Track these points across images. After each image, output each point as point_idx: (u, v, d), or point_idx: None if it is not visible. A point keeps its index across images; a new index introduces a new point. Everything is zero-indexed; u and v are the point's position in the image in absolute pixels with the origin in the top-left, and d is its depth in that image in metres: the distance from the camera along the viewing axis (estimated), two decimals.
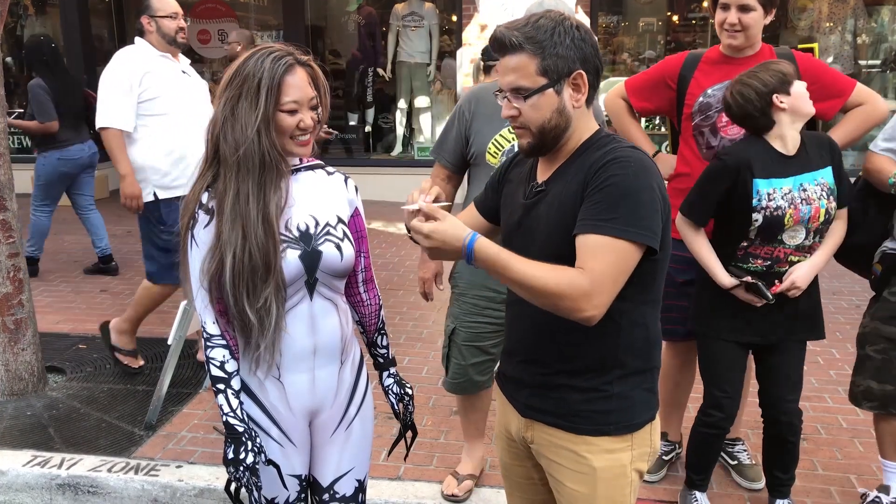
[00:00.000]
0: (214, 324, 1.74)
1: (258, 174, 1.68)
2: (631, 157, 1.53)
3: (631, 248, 1.49)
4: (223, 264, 1.67)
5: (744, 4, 2.62)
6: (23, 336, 3.78)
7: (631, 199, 1.49)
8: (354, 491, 1.98)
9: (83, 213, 5.84)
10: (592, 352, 1.61)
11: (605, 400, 1.63)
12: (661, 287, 1.66)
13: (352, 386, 1.94)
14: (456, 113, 2.73)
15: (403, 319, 4.74)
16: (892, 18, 8.06)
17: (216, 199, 1.70)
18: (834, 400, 3.65)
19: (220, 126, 1.69)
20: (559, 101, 1.58)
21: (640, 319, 1.62)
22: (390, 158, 8.79)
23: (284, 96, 1.69)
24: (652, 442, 1.69)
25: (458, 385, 2.83)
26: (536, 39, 1.55)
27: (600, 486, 1.65)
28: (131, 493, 3.05)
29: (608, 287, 1.48)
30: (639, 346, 1.64)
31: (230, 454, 1.71)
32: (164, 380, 3.48)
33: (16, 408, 3.68)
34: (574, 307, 1.47)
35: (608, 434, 1.63)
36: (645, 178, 1.51)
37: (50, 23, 9.25)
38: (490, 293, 2.70)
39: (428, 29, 8.55)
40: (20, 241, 3.77)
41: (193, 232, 1.72)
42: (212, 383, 1.74)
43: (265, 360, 1.76)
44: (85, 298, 5.23)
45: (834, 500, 2.91)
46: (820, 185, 2.42)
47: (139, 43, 3.89)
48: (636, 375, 1.65)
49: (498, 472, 3.07)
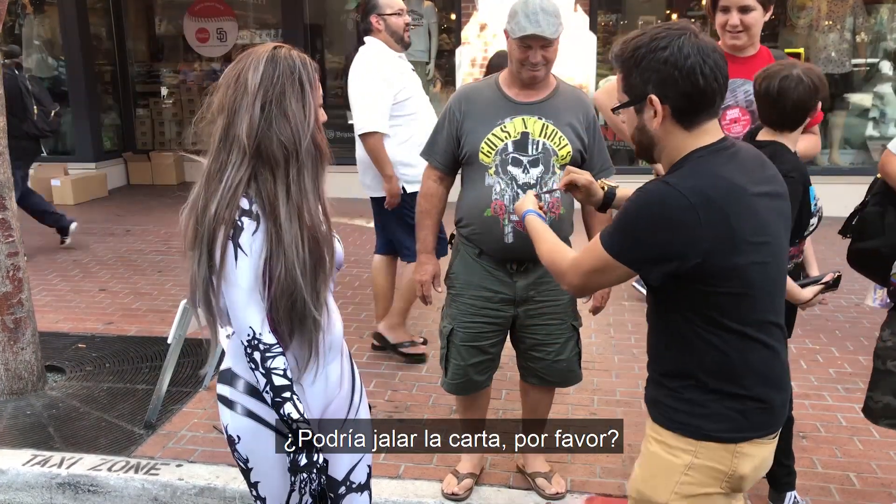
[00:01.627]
0: (270, 333, 1.68)
1: (315, 167, 1.71)
2: (649, 192, 1.59)
3: (605, 256, 1.65)
4: (291, 265, 1.64)
5: (744, 6, 2.64)
6: (22, 335, 3.78)
7: (628, 223, 1.61)
8: (367, 477, 2.02)
9: None
10: (671, 359, 1.71)
11: (677, 399, 1.70)
12: (748, 319, 1.64)
13: (350, 374, 1.98)
14: (446, 113, 2.71)
15: None
16: (890, 17, 8.06)
17: (264, 203, 1.65)
18: (833, 398, 3.65)
19: (265, 126, 1.65)
20: (639, 120, 1.66)
21: (715, 343, 1.63)
22: None
23: (318, 92, 1.74)
24: (733, 465, 1.67)
25: (457, 385, 2.82)
26: (621, 59, 1.64)
27: (648, 470, 1.75)
28: (131, 492, 3.05)
29: (578, 277, 1.75)
30: (714, 368, 1.65)
31: (303, 460, 1.66)
32: (164, 379, 3.48)
33: (15, 407, 3.68)
34: (555, 279, 1.87)
35: (672, 430, 1.70)
36: (646, 211, 1.58)
37: (48, 22, 9.24)
38: (487, 293, 2.69)
39: (427, 27, 8.54)
40: (19, 240, 3.77)
41: (238, 241, 1.63)
42: (275, 394, 1.66)
43: (314, 363, 1.76)
44: (84, 298, 5.23)
45: (833, 497, 2.91)
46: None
47: (373, 43, 3.92)
48: (715, 393, 1.66)
49: (498, 470, 3.08)
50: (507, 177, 2.58)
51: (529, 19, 2.44)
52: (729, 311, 1.62)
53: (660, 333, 1.73)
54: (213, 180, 1.68)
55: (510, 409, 3.54)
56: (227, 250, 1.63)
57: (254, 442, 1.79)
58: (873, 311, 4.79)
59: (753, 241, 1.58)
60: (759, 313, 1.65)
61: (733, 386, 1.65)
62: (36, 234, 6.53)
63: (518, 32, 2.46)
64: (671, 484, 1.69)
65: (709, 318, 1.62)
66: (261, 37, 9.49)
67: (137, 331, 4.63)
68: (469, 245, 2.71)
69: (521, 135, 2.57)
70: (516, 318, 2.73)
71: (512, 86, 2.63)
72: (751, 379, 1.66)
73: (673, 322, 1.67)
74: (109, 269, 5.89)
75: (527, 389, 2.92)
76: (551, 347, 2.75)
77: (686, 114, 1.60)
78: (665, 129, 1.62)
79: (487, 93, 2.66)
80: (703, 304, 1.61)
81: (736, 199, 1.56)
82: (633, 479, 1.80)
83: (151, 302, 5.14)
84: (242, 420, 1.78)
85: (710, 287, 1.59)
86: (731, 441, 1.66)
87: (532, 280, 2.68)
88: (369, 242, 6.50)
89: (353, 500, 2.00)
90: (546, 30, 2.45)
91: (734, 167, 1.60)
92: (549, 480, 2.93)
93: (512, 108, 2.60)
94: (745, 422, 1.66)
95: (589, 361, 4.12)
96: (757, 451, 1.69)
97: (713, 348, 1.64)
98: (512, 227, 2.58)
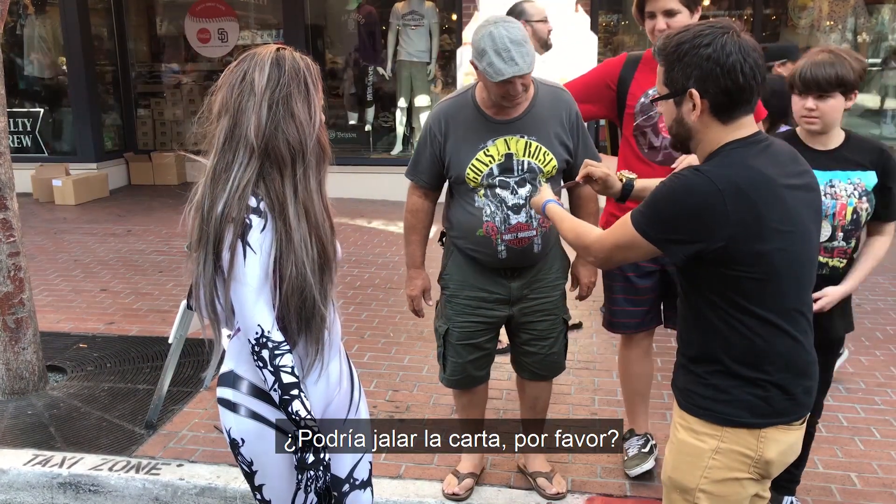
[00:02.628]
0: (279, 331, 1.68)
1: (319, 168, 1.73)
2: (681, 178, 1.67)
3: (632, 232, 1.73)
4: (301, 263, 1.66)
5: (668, 10, 2.68)
6: (23, 335, 3.78)
7: (654, 204, 1.70)
8: (369, 474, 2.04)
9: None
10: (698, 344, 1.77)
11: (703, 386, 1.75)
12: (772, 306, 1.69)
13: (349, 373, 1.99)
14: (427, 135, 2.65)
15: (403, 318, 4.74)
16: (892, 17, 8.06)
17: (273, 201, 1.66)
18: (835, 398, 3.64)
19: (272, 126, 1.66)
20: (678, 113, 1.73)
21: (739, 328, 1.69)
22: (390, 157, 8.79)
23: (321, 93, 1.76)
24: (759, 449, 1.72)
25: (457, 381, 2.84)
26: (664, 53, 1.70)
27: (678, 456, 1.80)
28: (132, 491, 3.06)
29: (603, 252, 1.85)
30: (739, 353, 1.70)
31: (311, 458, 1.67)
32: (165, 379, 3.48)
33: (17, 407, 3.68)
34: (579, 253, 2.07)
35: (698, 416, 1.75)
36: (677, 195, 1.66)
37: (49, 22, 9.25)
38: (482, 293, 2.70)
39: (428, 28, 8.54)
40: (21, 240, 3.77)
41: (247, 239, 1.64)
42: (283, 391, 1.66)
43: (319, 361, 1.77)
44: (85, 298, 5.23)
45: (835, 497, 2.91)
46: (853, 185, 2.42)
47: None
48: (739, 379, 1.71)
49: (499, 470, 3.08)
50: (497, 199, 2.57)
51: (504, 59, 2.32)
52: (753, 296, 1.66)
53: (688, 319, 1.79)
54: (219, 180, 1.67)
55: (510, 410, 3.54)
56: (237, 249, 1.63)
57: (259, 444, 1.78)
58: (875, 310, 4.79)
59: (780, 230, 1.64)
60: (784, 301, 1.69)
61: (756, 371, 1.70)
62: (37, 234, 6.54)
63: (497, 77, 2.35)
64: (700, 469, 1.75)
65: (734, 303, 1.68)
66: (262, 37, 9.50)
67: (138, 331, 4.63)
68: (462, 250, 2.72)
69: (505, 157, 2.55)
70: (511, 317, 2.74)
71: (490, 105, 2.56)
72: (774, 365, 1.70)
73: (700, 307, 1.73)
74: (110, 269, 5.89)
75: (522, 385, 2.93)
76: (545, 342, 2.78)
77: (724, 109, 1.67)
78: (702, 122, 1.69)
79: (466, 112, 2.59)
80: (728, 289, 1.67)
81: (764, 188, 1.63)
82: (665, 466, 1.86)
83: (152, 302, 5.14)
84: (247, 422, 1.77)
85: (733, 271, 1.64)
86: (755, 426, 1.71)
87: (526, 280, 2.69)
88: (370, 242, 6.50)
89: (357, 497, 2.01)
90: (524, 67, 2.35)
91: (765, 159, 1.67)
92: (550, 480, 2.93)
93: (493, 129, 2.55)
94: (769, 408, 1.71)
95: (589, 361, 4.12)
96: (783, 437, 1.74)
97: (737, 333, 1.69)
98: (505, 245, 2.58)
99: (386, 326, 4.65)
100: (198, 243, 1.69)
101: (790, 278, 1.68)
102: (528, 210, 2.56)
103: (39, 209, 7.94)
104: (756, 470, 1.74)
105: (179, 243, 6.59)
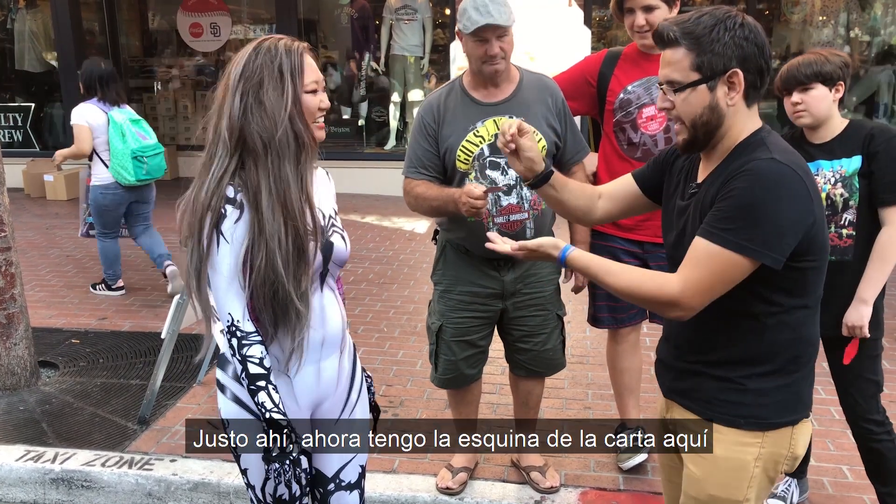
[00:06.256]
0: (249, 321, 1.70)
1: (296, 158, 1.69)
2: (763, 170, 1.52)
3: (739, 260, 1.52)
4: (272, 255, 1.65)
5: (647, 5, 2.68)
6: (15, 330, 3.76)
7: (751, 212, 1.51)
8: (358, 477, 2.01)
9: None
10: (733, 347, 1.65)
11: (740, 393, 1.65)
12: (816, 292, 1.65)
13: (350, 373, 1.97)
14: (419, 126, 2.64)
15: (397, 314, 4.74)
16: (885, 12, 8.08)
17: (247, 192, 1.67)
18: (826, 391, 3.65)
19: (243, 117, 1.66)
20: (711, 98, 1.60)
21: (788, 321, 1.62)
22: (384, 152, 8.77)
23: (307, 77, 1.71)
24: (792, 446, 1.69)
25: (448, 380, 2.83)
26: (695, 35, 1.58)
27: (718, 473, 1.68)
28: (125, 487, 3.05)
29: (700, 297, 1.56)
30: (783, 347, 1.64)
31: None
32: (158, 374, 3.47)
33: (8, 403, 3.67)
34: (662, 312, 1.62)
35: (737, 427, 1.66)
36: (775, 192, 1.51)
37: (41, 16, 9.19)
38: (475, 289, 2.69)
39: (421, 22, 8.52)
40: (12, 235, 3.75)
41: (221, 228, 1.66)
42: (250, 382, 1.68)
43: (297, 355, 1.75)
44: (77, 293, 5.21)
45: (826, 490, 2.93)
46: (834, 172, 2.43)
47: None
48: (778, 376, 1.65)
49: (492, 464, 3.08)
50: (487, 181, 2.57)
51: (479, 11, 2.41)
52: (809, 286, 1.62)
53: (714, 321, 1.64)
54: (205, 172, 1.70)
55: (504, 405, 3.54)
56: (212, 238, 1.67)
57: (240, 427, 1.80)
58: None
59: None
60: (820, 287, 1.66)
61: (794, 363, 1.65)
62: (29, 230, 6.51)
63: (470, 26, 2.43)
64: (746, 480, 1.67)
65: (789, 296, 1.60)
66: (255, 31, 9.46)
67: (131, 326, 4.62)
68: (454, 244, 2.71)
69: (495, 137, 2.55)
70: (504, 311, 2.73)
71: (477, 87, 2.60)
72: (810, 356, 1.68)
73: (741, 307, 1.61)
74: None
75: (516, 381, 2.93)
76: (538, 338, 2.77)
77: (755, 90, 1.62)
78: (735, 107, 1.61)
79: (454, 98, 2.62)
80: (787, 282, 1.58)
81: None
82: (700, 484, 1.71)
83: (145, 297, 5.13)
84: (231, 405, 1.81)
85: (801, 262, 1.56)
86: (791, 424, 1.68)
87: (519, 273, 2.68)
88: (363, 237, 6.49)
89: (342, 497, 2.00)
90: (499, 18, 2.42)
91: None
92: (544, 474, 2.93)
93: (481, 111, 2.58)
94: (801, 402, 1.69)
95: (583, 356, 4.13)
96: (806, 428, 1.72)
97: (787, 329, 1.63)
98: (497, 229, 2.56)
99: (379, 321, 4.64)
100: (187, 235, 1.71)
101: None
102: (520, 191, 2.57)
103: (31, 204, 7.90)
104: (787, 466, 1.71)
105: (172, 238, 6.57)
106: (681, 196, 1.76)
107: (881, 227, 2.40)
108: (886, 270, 2.41)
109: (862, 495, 2.89)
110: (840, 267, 2.43)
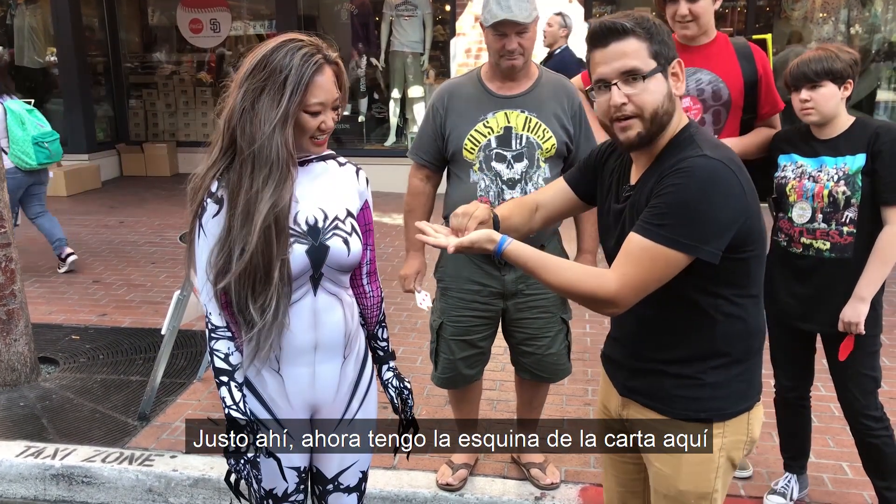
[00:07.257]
0: (219, 316, 1.72)
1: (269, 172, 1.64)
2: (696, 167, 1.52)
3: (674, 256, 1.52)
4: (231, 259, 1.64)
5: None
6: (15, 326, 3.77)
7: (685, 209, 1.51)
8: (358, 481, 2.00)
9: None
10: (688, 344, 1.66)
11: (699, 387, 1.66)
12: (759, 281, 1.67)
13: (354, 381, 1.92)
14: (430, 111, 2.68)
15: (398, 310, 4.74)
16: (885, 9, 8.07)
17: (229, 190, 1.67)
18: (826, 388, 3.66)
19: (239, 117, 1.65)
20: (668, 86, 1.60)
21: (737, 313, 1.64)
22: (383, 149, 8.78)
23: (312, 97, 1.65)
24: (749, 431, 1.72)
25: (447, 380, 2.82)
26: (644, 26, 1.58)
27: (685, 468, 1.70)
28: (125, 483, 3.05)
29: (635, 293, 1.55)
30: (736, 339, 1.66)
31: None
32: (158, 370, 3.47)
33: (9, 399, 3.67)
34: (597, 309, 1.60)
35: (699, 420, 1.67)
36: (709, 188, 1.50)
37: (40, 12, 9.17)
38: (476, 286, 2.68)
39: (421, 18, 8.51)
40: (11, 231, 3.75)
41: (202, 221, 1.69)
42: (215, 375, 1.72)
43: (263, 355, 1.74)
44: (77, 289, 5.21)
45: (826, 487, 2.93)
46: (838, 169, 2.42)
47: None
48: (734, 365, 1.67)
49: (493, 461, 3.09)
50: (492, 173, 2.57)
51: (500, 6, 2.41)
52: (751, 276, 1.64)
53: (668, 320, 1.66)
54: (205, 159, 1.74)
55: (504, 401, 3.55)
56: (195, 229, 1.71)
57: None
58: None
59: (757, 205, 1.62)
60: (763, 273, 1.68)
61: (746, 352, 1.67)
62: (29, 225, 6.50)
63: (490, 19, 2.44)
64: (713, 470, 1.70)
65: (735, 288, 1.62)
66: (254, 28, 9.45)
67: (131, 322, 4.62)
68: None
69: (504, 129, 2.56)
70: (506, 312, 2.72)
71: (494, 79, 2.61)
72: (758, 342, 1.70)
73: (692, 304, 1.62)
74: (103, 261, 5.88)
75: (521, 384, 2.92)
76: (542, 341, 2.74)
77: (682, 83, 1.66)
78: (677, 99, 1.64)
79: (470, 88, 2.63)
80: (731, 274, 1.60)
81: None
82: (669, 480, 1.73)
83: (145, 293, 5.13)
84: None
85: (741, 253, 1.58)
86: (747, 410, 1.70)
87: (520, 273, 2.67)
88: None
89: (339, 499, 1.99)
90: (518, 14, 2.42)
91: None
92: (544, 471, 2.93)
93: (494, 103, 2.58)
94: (753, 388, 1.71)
95: (583, 352, 4.13)
96: (759, 411, 1.75)
97: (737, 320, 1.64)
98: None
99: None
100: (190, 215, 1.74)
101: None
102: (524, 186, 2.56)
103: None
104: (747, 449, 1.74)
105: (172, 234, 6.57)
106: (615, 199, 1.76)
107: (883, 225, 2.40)
108: (886, 270, 2.42)
109: (861, 491, 2.89)
110: (839, 264, 2.43)
